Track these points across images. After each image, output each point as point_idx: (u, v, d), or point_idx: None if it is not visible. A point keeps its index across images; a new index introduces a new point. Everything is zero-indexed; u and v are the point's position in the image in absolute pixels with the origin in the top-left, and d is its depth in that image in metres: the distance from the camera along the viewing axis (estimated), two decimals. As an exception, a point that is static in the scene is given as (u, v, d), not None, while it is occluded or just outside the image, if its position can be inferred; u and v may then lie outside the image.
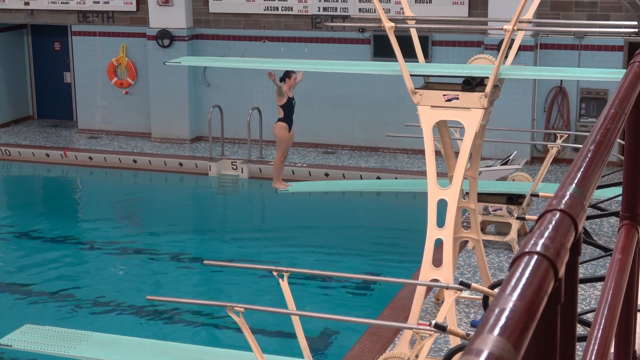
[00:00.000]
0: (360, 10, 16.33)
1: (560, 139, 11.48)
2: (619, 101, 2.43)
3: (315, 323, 9.50)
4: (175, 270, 12.17)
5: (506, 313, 1.28)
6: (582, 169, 1.85)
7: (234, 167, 15.95)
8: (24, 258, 12.60)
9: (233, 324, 7.13)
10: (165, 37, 17.26)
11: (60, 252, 12.76)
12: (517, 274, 1.38)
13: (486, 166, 13.04)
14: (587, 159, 1.92)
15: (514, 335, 1.24)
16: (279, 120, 14.13)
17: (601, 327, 2.26)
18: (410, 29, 8.76)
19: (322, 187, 14.10)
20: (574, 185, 1.74)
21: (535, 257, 1.43)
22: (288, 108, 14.06)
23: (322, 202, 14.82)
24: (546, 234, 1.50)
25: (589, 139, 2.06)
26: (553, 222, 1.56)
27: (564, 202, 1.64)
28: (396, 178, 14.77)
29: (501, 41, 8.65)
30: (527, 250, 1.45)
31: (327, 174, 15.45)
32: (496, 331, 1.24)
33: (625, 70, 2.94)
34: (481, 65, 8.86)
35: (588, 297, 9.41)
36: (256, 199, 15.83)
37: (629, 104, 2.52)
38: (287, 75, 13.91)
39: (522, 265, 1.41)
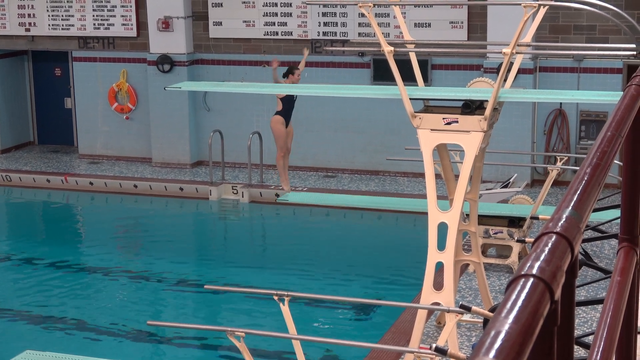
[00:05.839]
0: (359, 34, 16.38)
1: (560, 161, 11.49)
2: (616, 124, 2.44)
3: (316, 347, 9.47)
4: (176, 295, 12.15)
5: (502, 335, 1.28)
6: (578, 192, 1.86)
7: (235, 191, 15.96)
8: (24, 283, 12.57)
9: (234, 348, 7.11)
10: (166, 63, 17.32)
11: (60, 278, 12.73)
12: (513, 297, 1.38)
13: (486, 189, 13.04)
14: (584, 181, 1.93)
15: (509, 357, 1.24)
16: (276, 113, 14.13)
17: (600, 349, 2.26)
18: (410, 53, 8.79)
19: (321, 199, 14.14)
20: (570, 208, 1.75)
21: (531, 279, 1.43)
22: (288, 102, 14.07)
23: (323, 226, 14.81)
24: (542, 257, 1.50)
25: (585, 162, 2.07)
26: (549, 245, 1.56)
27: (560, 224, 1.65)
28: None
29: (500, 64, 8.68)
30: (523, 273, 1.45)
31: (327, 198, 15.44)
32: (492, 353, 1.24)
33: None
34: (480, 88, 8.88)
35: (590, 319, 9.39)
36: (257, 223, 15.82)
37: (626, 127, 2.53)
38: (290, 71, 14.02)
39: (518, 288, 1.41)
